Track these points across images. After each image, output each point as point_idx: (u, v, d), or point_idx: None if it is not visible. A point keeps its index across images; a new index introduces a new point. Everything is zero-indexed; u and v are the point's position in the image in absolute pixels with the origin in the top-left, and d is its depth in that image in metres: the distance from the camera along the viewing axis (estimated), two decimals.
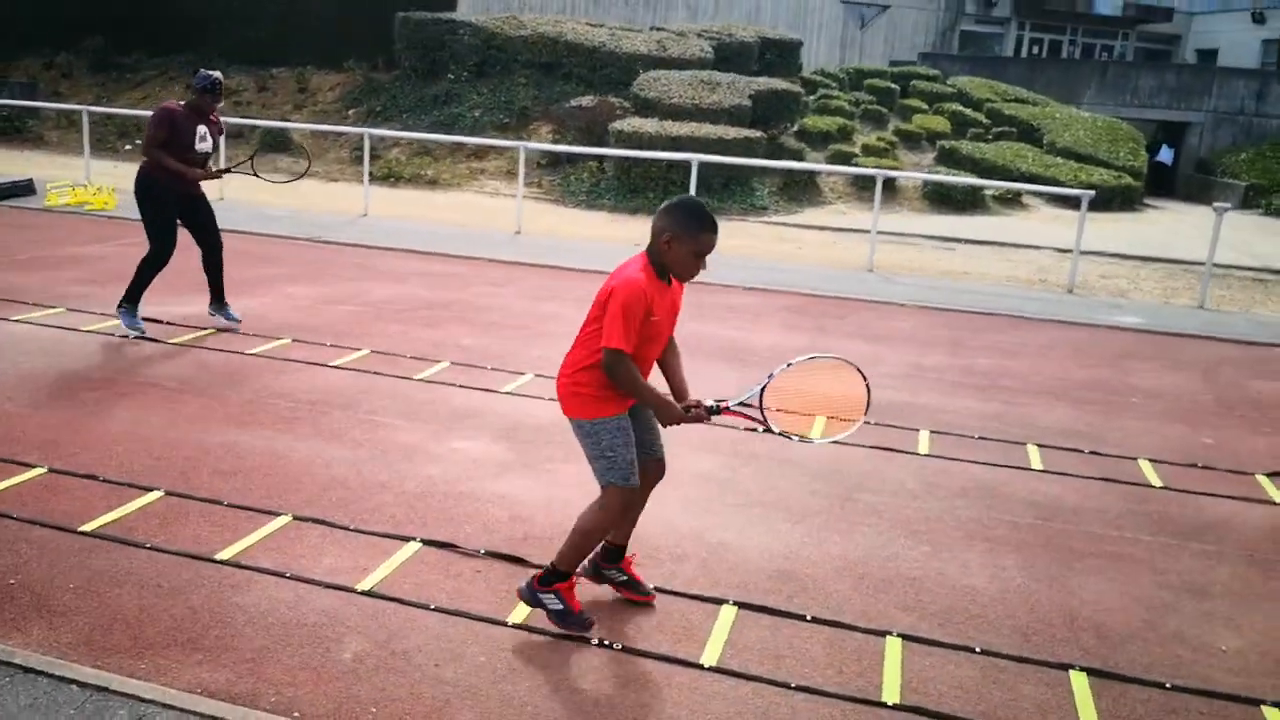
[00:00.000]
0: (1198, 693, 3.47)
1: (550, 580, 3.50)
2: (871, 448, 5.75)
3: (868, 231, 15.53)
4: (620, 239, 13.44)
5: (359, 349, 7.03)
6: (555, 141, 18.42)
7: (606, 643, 3.52)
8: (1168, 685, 3.50)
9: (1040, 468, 5.63)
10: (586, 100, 18.53)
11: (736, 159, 15.05)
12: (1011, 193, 18.67)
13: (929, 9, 37.27)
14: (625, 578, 3.80)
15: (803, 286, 10.60)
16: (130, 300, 7.03)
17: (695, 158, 13.05)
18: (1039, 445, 5.99)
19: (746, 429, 5.76)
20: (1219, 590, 4.27)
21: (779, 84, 19.89)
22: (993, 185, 17.50)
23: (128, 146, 19.04)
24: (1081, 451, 5.92)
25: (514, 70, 20.76)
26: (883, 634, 3.72)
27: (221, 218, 7.67)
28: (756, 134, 17.29)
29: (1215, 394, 7.44)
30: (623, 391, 3.42)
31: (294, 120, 19.97)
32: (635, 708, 3.17)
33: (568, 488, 4.85)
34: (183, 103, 6.96)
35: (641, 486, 3.60)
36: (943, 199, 18.33)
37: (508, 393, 6.33)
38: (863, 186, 18.54)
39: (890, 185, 18.58)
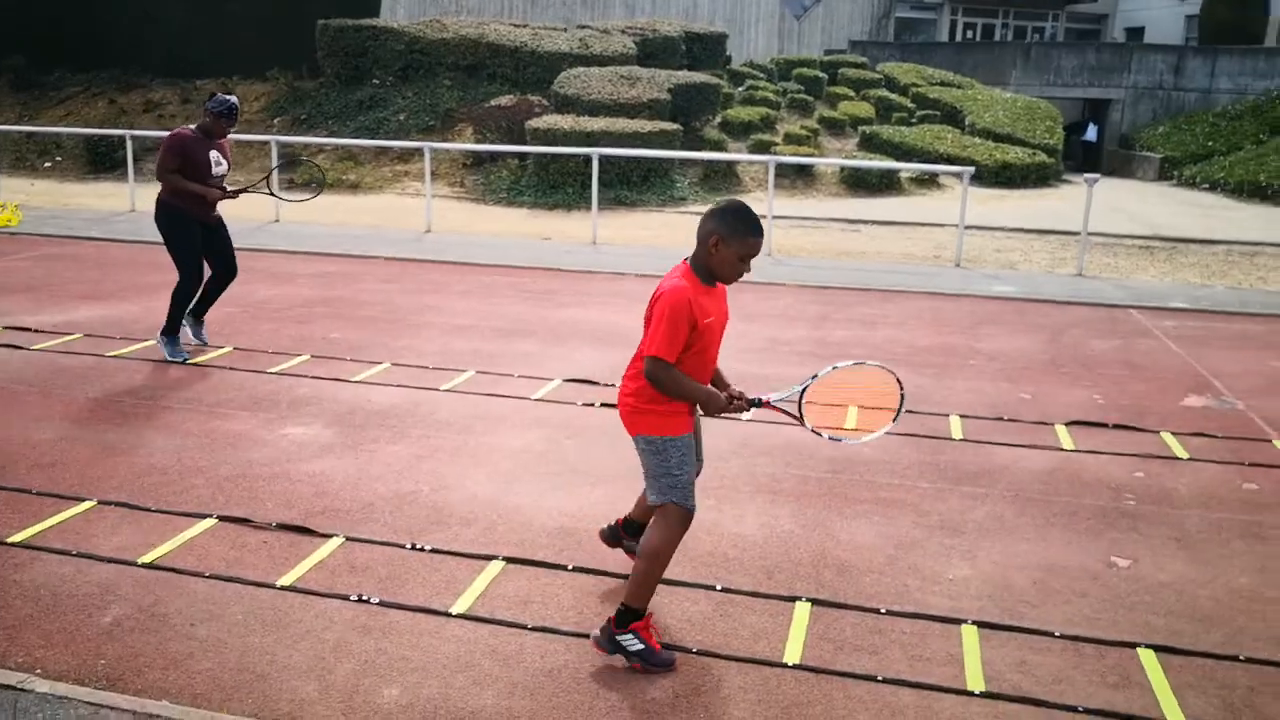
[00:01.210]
0: (907, 615, 3.79)
1: (626, 621, 3.41)
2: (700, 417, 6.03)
3: (780, 217, 15.92)
4: (530, 233, 13.70)
5: (222, 347, 7.25)
6: (478, 141, 18.63)
7: (364, 598, 3.78)
8: (882, 610, 3.81)
9: (852, 427, 5.93)
10: (505, 100, 18.77)
11: (635, 150, 15.30)
12: (926, 174, 19.06)
13: None
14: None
15: None
16: (171, 331, 6.91)
17: (595, 151, 13.30)
18: (861, 407, 6.30)
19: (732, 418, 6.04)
20: (971, 527, 4.59)
21: (699, 77, 20.18)
22: (872, 166, 17.82)
23: (46, 164, 19.08)
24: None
25: (438, 73, 20.94)
26: None
27: (133, 227, 7.84)
28: (673, 126, 17.56)
29: (1053, 354, 7.79)
30: (672, 396, 3.42)
31: None
32: (371, 652, 3.44)
33: (380, 465, 5.11)
34: (192, 127, 6.84)
35: None
36: (859, 183, 18.70)
37: (357, 381, 6.57)
38: (782, 174, 18.86)
39: (809, 171, 18.96)
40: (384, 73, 20.66)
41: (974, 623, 3.74)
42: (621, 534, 4.04)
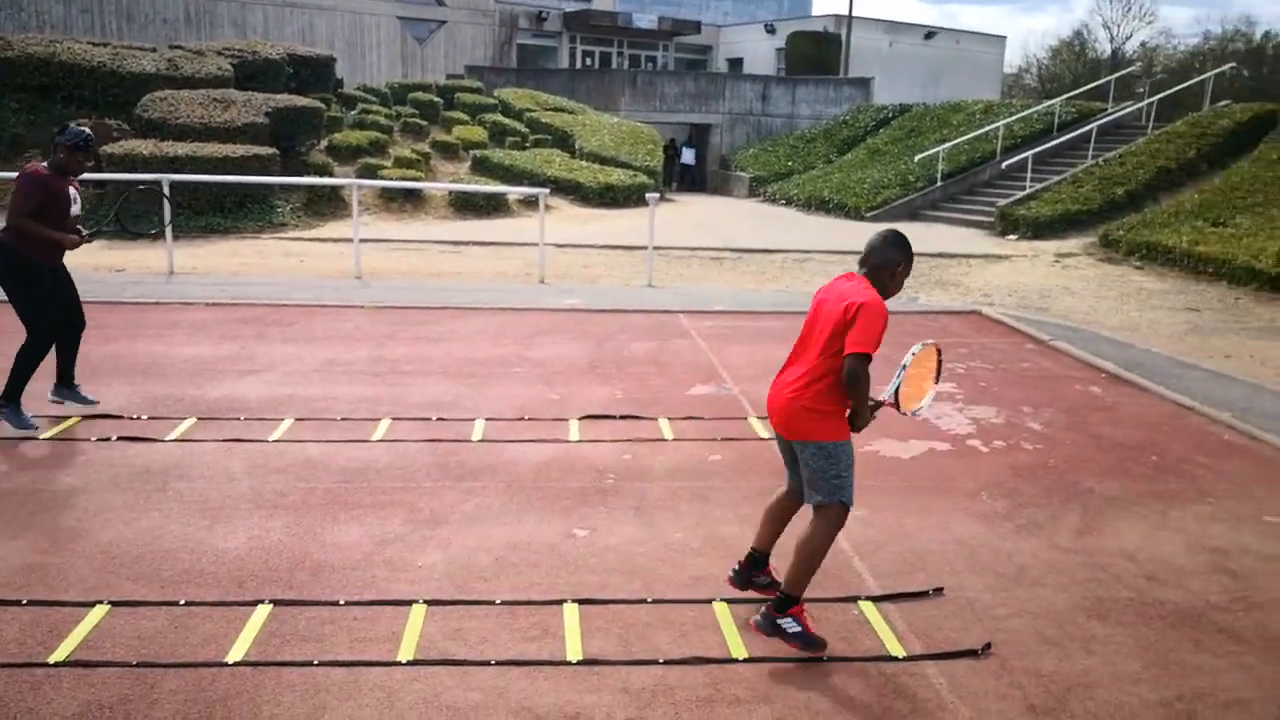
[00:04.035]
0: (364, 603, 4.08)
1: (785, 606, 3.76)
2: (225, 440, 6.03)
3: (387, 241, 16.03)
4: (103, 265, 12.79)
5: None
6: None
7: None
8: (341, 602, 4.08)
9: (379, 438, 6.21)
10: (77, 124, 17.33)
11: (210, 176, 14.76)
12: (531, 196, 19.94)
13: (485, 24, 38.76)
14: (768, 580, 4.14)
15: (271, 299, 10.70)
16: (10, 399, 6.08)
17: (166, 178, 12.67)
18: (393, 418, 6.59)
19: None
20: (457, 518, 5.00)
21: (302, 101, 19.81)
22: (441, 187, 18.77)
23: None
24: (429, 419, 6.60)
25: (4, 95, 18.92)
26: (93, 604, 3.98)
27: None
28: (269, 151, 17.10)
29: (594, 357, 8.55)
30: (859, 394, 3.66)
31: None
32: None
33: None
34: (44, 164, 6.04)
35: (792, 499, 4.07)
36: (467, 205, 19.21)
37: None
38: (391, 197, 19.00)
39: (418, 194, 19.21)
40: None
41: (425, 601, 4.11)
42: (749, 576, 4.16)
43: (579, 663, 3.72)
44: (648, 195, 13.06)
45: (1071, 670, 3.85)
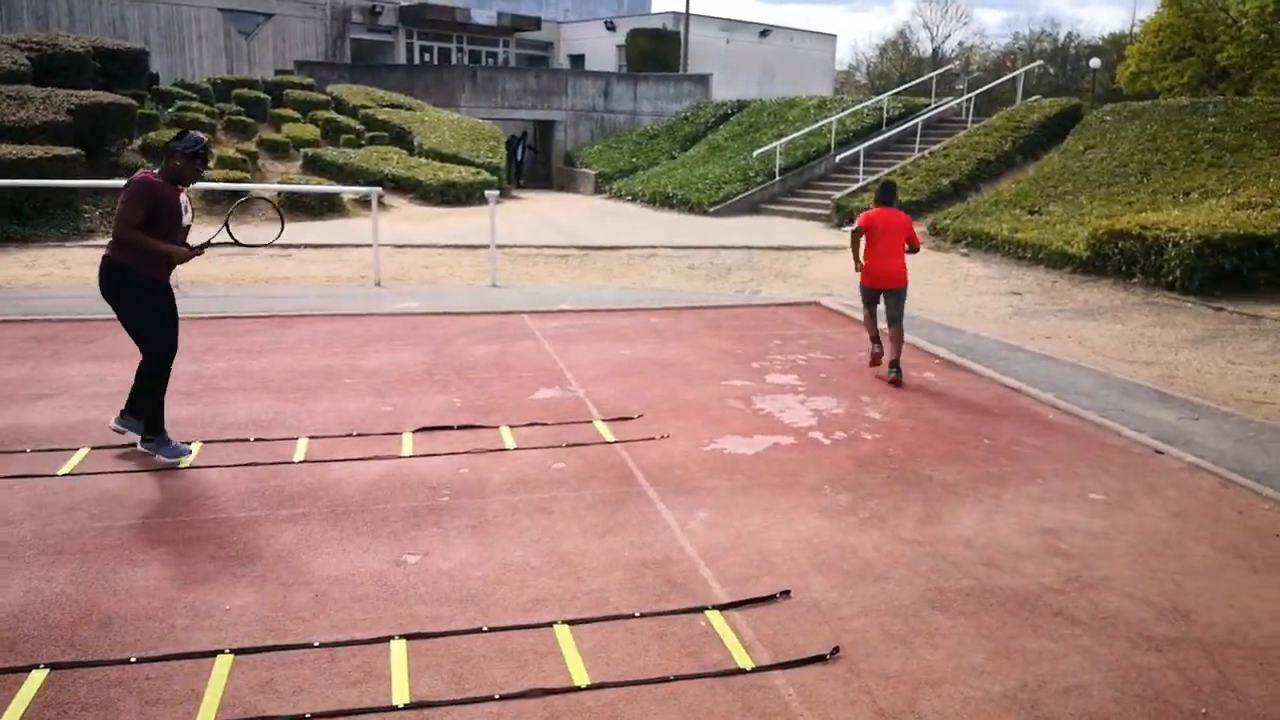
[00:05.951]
0: (160, 659, 3.63)
1: (898, 365, 7.84)
2: (3, 477, 5.38)
3: (209, 246, 15.00)
4: None
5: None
6: None
7: None
8: (133, 659, 3.62)
9: (187, 465, 5.67)
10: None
11: (6, 180, 13.33)
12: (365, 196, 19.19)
13: (315, 18, 37.19)
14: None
15: (73, 313, 9.79)
16: (155, 430, 5.74)
17: None
18: (205, 441, 6.05)
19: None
20: (273, 552, 4.57)
21: (110, 97, 18.45)
22: (269, 189, 17.92)
23: None
24: (248, 440, 6.09)
25: None
26: None
27: None
28: (72, 152, 15.84)
29: (432, 364, 8.15)
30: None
31: None
32: None
33: None
34: (156, 171, 5.59)
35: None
36: (298, 205, 18.33)
37: None
38: (215, 200, 17.92)
39: (243, 194, 18.16)
40: None
41: (232, 651, 3.70)
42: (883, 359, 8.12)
43: (405, 706, 3.40)
44: (487, 193, 12.68)
45: (918, 668, 3.78)
